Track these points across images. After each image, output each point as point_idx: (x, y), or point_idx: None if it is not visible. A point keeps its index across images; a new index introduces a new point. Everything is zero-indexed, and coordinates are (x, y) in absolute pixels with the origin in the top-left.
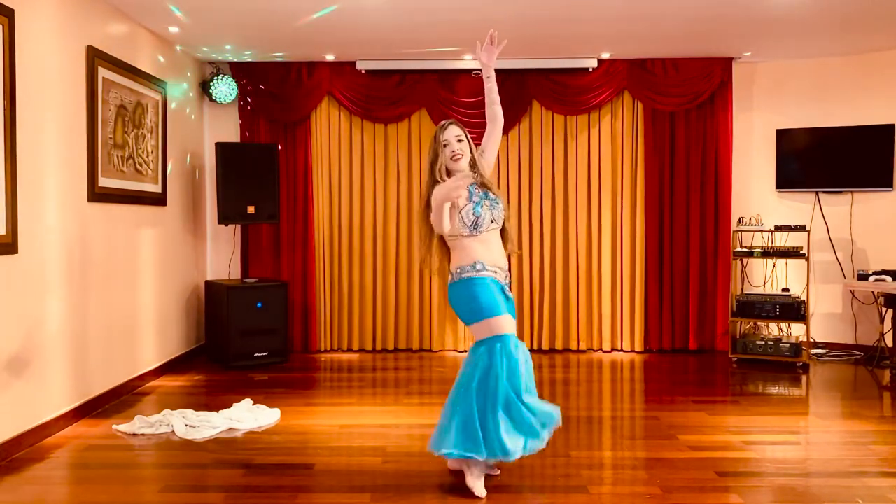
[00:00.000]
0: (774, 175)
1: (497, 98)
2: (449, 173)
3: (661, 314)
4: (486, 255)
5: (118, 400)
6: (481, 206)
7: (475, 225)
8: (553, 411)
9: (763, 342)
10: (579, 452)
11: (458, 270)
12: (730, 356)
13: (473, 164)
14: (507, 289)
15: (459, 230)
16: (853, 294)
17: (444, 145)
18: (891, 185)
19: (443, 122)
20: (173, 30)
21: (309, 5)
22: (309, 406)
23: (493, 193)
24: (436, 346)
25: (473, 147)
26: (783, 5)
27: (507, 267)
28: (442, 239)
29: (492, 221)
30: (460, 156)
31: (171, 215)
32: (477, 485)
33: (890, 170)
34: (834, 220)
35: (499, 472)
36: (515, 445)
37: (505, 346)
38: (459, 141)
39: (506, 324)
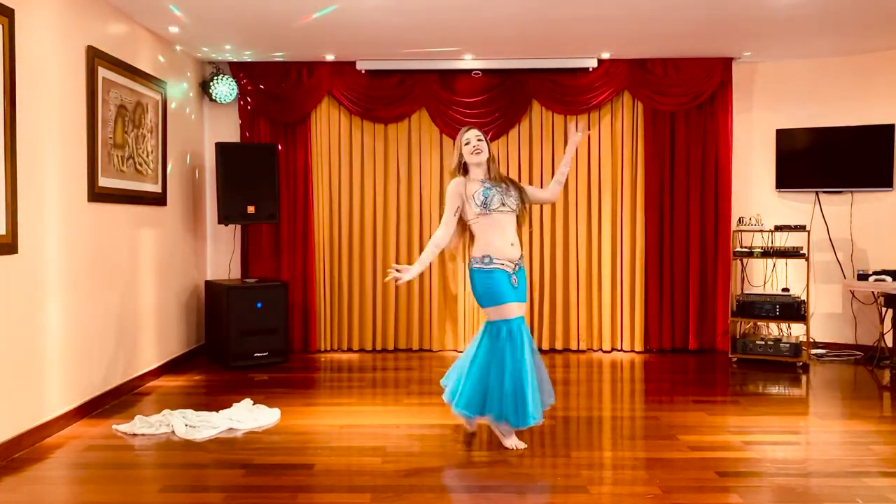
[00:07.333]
0: (774, 175)
1: (562, 180)
2: (467, 169)
3: (661, 314)
4: (498, 244)
5: (118, 400)
6: (491, 191)
7: (485, 204)
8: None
9: (763, 342)
10: (579, 452)
11: (472, 260)
12: (730, 356)
13: (490, 162)
14: (513, 278)
15: (474, 210)
16: (853, 294)
17: (466, 143)
18: (891, 185)
19: (464, 128)
20: (173, 30)
21: (309, 5)
22: (309, 406)
23: (510, 187)
24: (436, 346)
25: (491, 148)
26: (783, 5)
27: (518, 256)
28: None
29: (502, 204)
30: (480, 150)
31: (171, 215)
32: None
33: (890, 170)
34: (834, 220)
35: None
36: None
37: (510, 329)
38: (479, 140)
39: (510, 311)
